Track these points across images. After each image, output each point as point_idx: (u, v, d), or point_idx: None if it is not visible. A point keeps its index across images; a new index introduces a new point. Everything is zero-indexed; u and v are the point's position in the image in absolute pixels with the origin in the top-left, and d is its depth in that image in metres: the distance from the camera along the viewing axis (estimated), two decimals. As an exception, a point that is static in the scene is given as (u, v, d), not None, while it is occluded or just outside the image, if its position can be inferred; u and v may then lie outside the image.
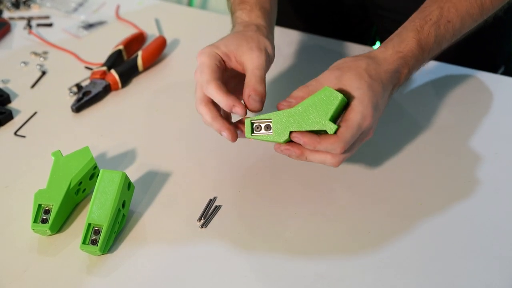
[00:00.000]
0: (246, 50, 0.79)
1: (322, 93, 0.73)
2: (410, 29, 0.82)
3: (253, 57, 0.78)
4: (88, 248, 0.75)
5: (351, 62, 0.78)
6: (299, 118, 0.73)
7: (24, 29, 1.16)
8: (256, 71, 0.78)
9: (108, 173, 0.78)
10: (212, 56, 0.78)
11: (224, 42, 0.80)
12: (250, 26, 0.83)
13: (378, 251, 0.77)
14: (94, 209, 0.76)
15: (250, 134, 0.75)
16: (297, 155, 0.75)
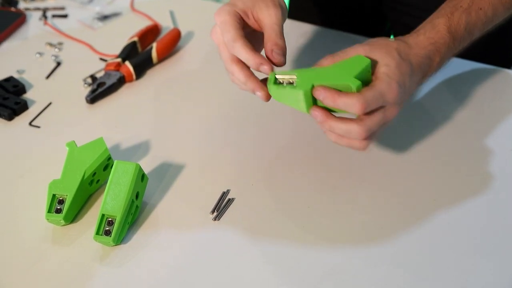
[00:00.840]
0: (263, 7, 0.78)
1: (351, 58, 0.73)
2: (440, 15, 0.81)
3: (270, 13, 0.78)
4: (102, 238, 0.75)
5: (382, 40, 0.77)
6: (324, 76, 0.73)
7: (39, 20, 1.16)
8: (275, 27, 0.77)
9: (122, 164, 0.78)
10: (232, 14, 0.78)
11: (241, 1, 0.79)
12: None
13: (391, 246, 0.77)
14: (108, 200, 0.76)
15: (272, 84, 0.74)
16: (321, 118, 0.73)
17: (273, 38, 0.77)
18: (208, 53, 1.08)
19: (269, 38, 0.77)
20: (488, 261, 0.75)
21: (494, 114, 0.96)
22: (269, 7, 0.78)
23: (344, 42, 1.11)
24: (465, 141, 0.91)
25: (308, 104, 0.74)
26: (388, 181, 0.85)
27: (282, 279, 0.74)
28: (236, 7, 0.78)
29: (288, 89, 0.73)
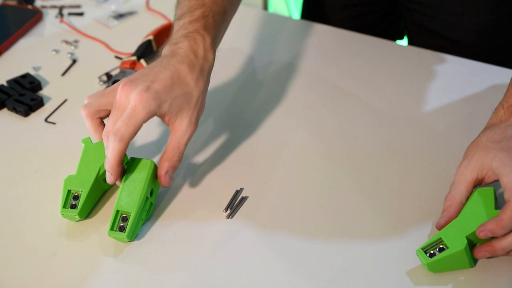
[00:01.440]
0: (184, 120, 0.77)
1: (475, 194, 0.75)
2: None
3: (187, 130, 0.77)
4: (116, 234, 0.76)
5: (472, 146, 0.77)
6: (468, 224, 0.73)
7: (55, 18, 1.17)
8: (182, 148, 0.77)
9: (138, 161, 0.78)
10: (150, 114, 0.74)
11: (171, 101, 0.75)
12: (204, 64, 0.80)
13: (405, 245, 0.77)
14: (123, 196, 0.76)
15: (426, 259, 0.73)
16: (490, 252, 0.73)
17: (174, 160, 0.77)
18: (222, 52, 1.08)
19: (171, 158, 0.77)
20: (501, 262, 0.75)
21: None
22: (189, 124, 0.77)
23: (358, 42, 1.11)
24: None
25: (469, 257, 0.73)
26: (401, 181, 0.85)
27: (295, 277, 0.74)
28: (159, 109, 0.74)
29: (447, 256, 0.72)
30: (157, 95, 0.74)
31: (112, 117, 0.75)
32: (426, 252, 0.73)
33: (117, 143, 0.73)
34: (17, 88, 0.99)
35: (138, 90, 0.73)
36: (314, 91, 1.02)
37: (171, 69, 0.76)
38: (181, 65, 0.77)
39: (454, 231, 0.72)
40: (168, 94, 0.75)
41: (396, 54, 1.09)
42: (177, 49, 0.79)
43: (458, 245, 0.71)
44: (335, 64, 1.07)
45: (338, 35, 1.13)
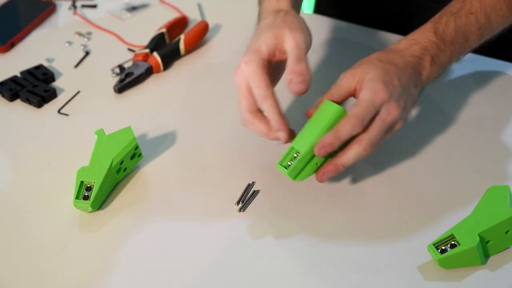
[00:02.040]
0: (285, 36, 0.78)
1: (489, 191, 0.76)
2: (428, 21, 0.83)
3: (290, 38, 0.77)
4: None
5: (364, 59, 0.79)
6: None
7: (69, 10, 1.17)
8: (294, 51, 0.77)
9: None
10: (261, 65, 0.77)
11: (264, 41, 0.78)
12: (279, 13, 0.82)
13: (415, 241, 0.77)
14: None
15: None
16: (333, 170, 0.76)
17: (291, 65, 0.76)
18: (235, 46, 1.08)
19: (288, 66, 0.77)
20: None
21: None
22: (291, 32, 0.78)
23: (371, 38, 1.11)
24: (487, 139, 0.91)
25: (481, 254, 0.73)
26: (412, 178, 0.85)
27: (306, 272, 0.74)
28: (262, 54, 0.77)
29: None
30: (252, 49, 0.78)
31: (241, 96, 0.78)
32: (438, 248, 0.73)
33: (266, 103, 0.75)
34: (31, 79, 0.99)
35: (240, 64, 0.78)
36: (327, 86, 1.01)
37: (255, 30, 0.82)
38: (263, 21, 0.83)
39: (467, 227, 0.72)
40: (258, 40, 0.79)
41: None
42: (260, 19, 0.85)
43: (470, 242, 0.71)
44: (348, 60, 1.06)
45: (351, 31, 1.13)
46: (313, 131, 0.76)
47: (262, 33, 0.80)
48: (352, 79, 0.77)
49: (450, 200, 0.82)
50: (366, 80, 0.75)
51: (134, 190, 0.83)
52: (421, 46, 0.80)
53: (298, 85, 0.75)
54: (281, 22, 0.79)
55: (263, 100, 0.76)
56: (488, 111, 0.95)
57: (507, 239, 0.74)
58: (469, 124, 0.93)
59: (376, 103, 0.74)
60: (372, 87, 0.74)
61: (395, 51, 0.80)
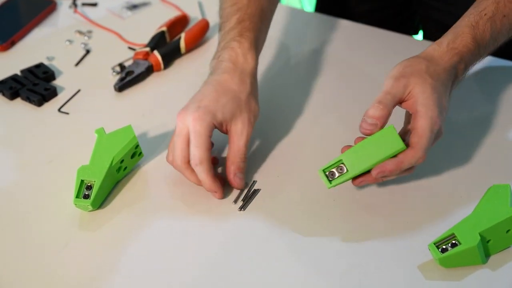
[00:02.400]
0: (239, 123, 0.81)
1: (490, 191, 0.76)
2: (464, 24, 0.81)
3: (242, 132, 0.81)
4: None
5: (411, 67, 0.78)
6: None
7: (69, 8, 1.17)
8: (242, 149, 0.81)
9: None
10: (209, 127, 0.78)
11: (221, 109, 0.80)
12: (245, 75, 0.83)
13: (416, 240, 0.77)
14: None
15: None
16: (373, 181, 0.78)
17: (237, 161, 0.80)
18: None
19: (233, 160, 0.80)
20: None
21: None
22: (244, 125, 0.81)
23: (373, 37, 1.11)
24: (491, 138, 0.90)
25: (482, 254, 0.73)
26: (414, 176, 0.85)
27: (306, 270, 0.74)
28: (215, 119, 0.79)
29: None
30: (207, 109, 0.79)
31: (178, 145, 0.79)
32: (438, 247, 0.73)
33: (201, 167, 0.78)
34: (31, 78, 0.99)
35: (190, 113, 0.79)
36: (328, 85, 1.01)
37: (213, 83, 0.82)
38: (221, 75, 0.83)
39: (468, 227, 0.72)
40: (217, 104, 0.80)
41: (412, 48, 1.08)
42: (218, 63, 0.85)
43: (471, 241, 0.71)
44: (349, 58, 1.06)
45: (353, 29, 1.12)
46: (369, 157, 0.75)
47: (224, 97, 0.81)
48: (402, 89, 0.76)
49: (451, 199, 0.82)
50: (422, 103, 0.75)
51: (134, 189, 0.83)
52: (460, 55, 0.80)
53: (241, 181, 0.81)
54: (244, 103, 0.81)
55: (198, 163, 0.78)
56: (488, 110, 0.95)
57: (508, 238, 0.74)
58: (469, 123, 0.93)
59: (434, 131, 0.75)
60: (430, 115, 0.74)
61: (437, 61, 0.79)
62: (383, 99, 0.76)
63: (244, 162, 0.81)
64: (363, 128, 0.75)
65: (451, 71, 0.79)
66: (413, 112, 0.76)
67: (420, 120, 0.74)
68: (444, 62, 0.79)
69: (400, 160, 0.74)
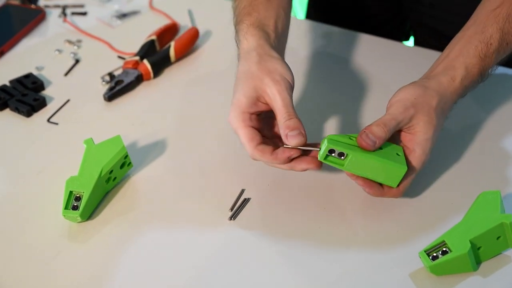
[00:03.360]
0: (265, 89, 0.78)
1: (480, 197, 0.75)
2: (473, 55, 0.81)
3: (274, 93, 0.77)
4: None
5: (423, 98, 0.77)
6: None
7: (59, 17, 1.17)
8: (282, 110, 0.77)
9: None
10: (241, 119, 0.78)
11: (242, 93, 0.78)
12: (251, 55, 0.81)
13: (407, 248, 0.76)
14: None
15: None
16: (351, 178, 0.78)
17: (282, 122, 0.76)
18: (226, 52, 1.08)
19: (280, 123, 0.77)
20: (503, 264, 0.75)
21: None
22: (270, 88, 0.77)
23: (364, 43, 1.11)
24: (483, 144, 0.90)
25: (472, 261, 0.73)
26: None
27: (297, 279, 0.74)
28: (242, 107, 0.78)
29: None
30: (234, 106, 0.78)
31: None
32: (429, 254, 0.73)
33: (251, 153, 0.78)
34: (20, 88, 0.99)
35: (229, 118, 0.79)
36: (319, 92, 1.01)
37: (237, 76, 0.81)
38: (238, 68, 0.82)
39: (458, 234, 0.72)
40: (239, 94, 0.78)
41: (403, 54, 1.08)
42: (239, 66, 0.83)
43: (462, 249, 0.71)
44: (341, 65, 1.06)
45: (344, 36, 1.12)
46: (370, 170, 0.75)
47: (240, 83, 0.79)
48: (408, 120, 0.76)
49: (442, 206, 0.82)
50: (420, 144, 0.76)
51: (124, 199, 0.83)
52: (466, 90, 0.82)
53: (295, 138, 0.75)
54: (258, 71, 0.78)
55: (251, 154, 0.77)
56: (479, 117, 0.95)
57: (498, 245, 0.74)
58: (460, 130, 0.93)
59: (418, 170, 0.78)
60: (424, 160, 0.77)
61: (448, 97, 0.79)
62: (388, 123, 0.75)
63: (292, 119, 0.76)
64: (363, 140, 0.74)
65: (453, 105, 0.81)
66: (408, 146, 0.77)
67: (413, 162, 0.76)
68: (453, 100, 0.80)
69: (382, 193, 0.77)
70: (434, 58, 1.06)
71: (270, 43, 0.83)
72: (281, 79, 0.78)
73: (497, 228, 0.72)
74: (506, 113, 0.96)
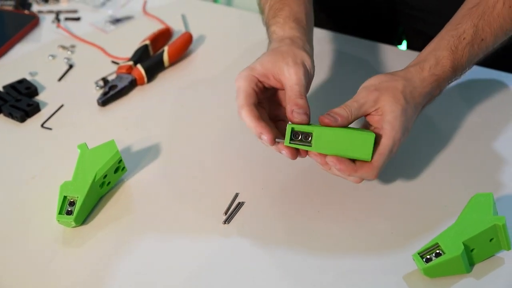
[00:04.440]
0: (283, 66, 0.78)
1: (473, 199, 0.75)
2: (444, 47, 0.82)
3: (290, 73, 0.78)
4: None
5: (388, 82, 0.78)
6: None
7: (52, 23, 1.17)
8: (295, 87, 0.77)
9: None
10: (249, 79, 0.78)
11: (260, 61, 0.79)
12: (284, 41, 0.82)
13: (400, 251, 0.77)
14: None
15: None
16: (322, 163, 0.76)
17: (292, 99, 0.77)
18: (220, 57, 1.08)
19: (289, 99, 0.77)
20: (497, 267, 0.75)
21: (506, 121, 0.95)
22: (289, 66, 0.78)
23: (356, 47, 1.11)
24: (477, 148, 0.91)
25: (466, 263, 0.74)
26: (399, 187, 0.85)
27: (292, 283, 0.74)
28: (254, 71, 0.79)
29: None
30: (248, 68, 0.79)
31: None
32: (423, 257, 0.73)
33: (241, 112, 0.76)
34: (13, 94, 0.99)
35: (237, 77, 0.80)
36: (313, 96, 1.01)
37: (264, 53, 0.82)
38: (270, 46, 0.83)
39: (451, 236, 0.72)
40: (257, 61, 0.79)
41: (396, 58, 1.09)
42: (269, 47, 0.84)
43: (455, 251, 0.71)
44: (334, 69, 1.06)
45: (338, 40, 1.13)
46: (336, 145, 0.74)
47: (263, 55, 0.81)
48: (372, 103, 0.77)
49: (435, 208, 0.82)
50: (389, 122, 0.75)
51: (118, 204, 0.83)
52: (438, 81, 0.81)
53: (300, 115, 0.76)
54: (285, 51, 0.79)
55: (239, 110, 0.77)
56: (472, 120, 0.96)
57: (491, 246, 0.74)
58: (453, 132, 0.93)
59: (393, 152, 0.76)
60: (393, 136, 0.75)
61: (416, 84, 0.79)
62: (349, 104, 0.76)
63: (301, 99, 0.76)
64: (325, 118, 0.75)
65: (426, 96, 0.80)
66: (377, 126, 0.77)
67: (383, 138, 0.75)
68: (423, 87, 0.80)
69: (355, 169, 0.75)
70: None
71: (305, 38, 0.84)
72: (303, 65, 0.79)
73: (490, 230, 0.72)
74: (498, 116, 0.96)
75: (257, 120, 0.76)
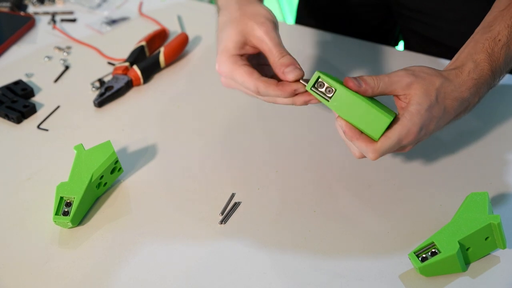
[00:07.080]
0: (252, 32, 0.77)
1: (468, 198, 0.75)
2: (480, 50, 0.79)
3: (261, 35, 0.76)
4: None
5: (427, 74, 0.75)
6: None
7: (48, 24, 1.17)
8: (273, 50, 0.76)
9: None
10: (232, 60, 0.77)
11: (229, 39, 0.78)
12: (229, 3, 0.80)
13: (396, 250, 0.77)
14: None
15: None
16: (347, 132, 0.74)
17: (276, 60, 0.76)
18: (215, 58, 1.08)
19: (274, 63, 0.76)
20: (494, 269, 0.75)
21: (505, 122, 0.95)
22: (257, 29, 0.76)
23: (353, 48, 1.11)
24: (474, 149, 0.91)
25: (461, 262, 0.73)
26: (395, 187, 0.85)
27: (288, 282, 0.74)
28: (230, 51, 0.77)
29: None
30: (222, 50, 0.78)
31: None
32: (418, 256, 0.73)
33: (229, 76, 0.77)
34: (10, 95, 0.99)
35: None
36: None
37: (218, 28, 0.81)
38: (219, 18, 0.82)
39: (447, 235, 0.73)
40: (222, 42, 0.78)
41: (393, 58, 1.09)
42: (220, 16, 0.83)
43: (450, 250, 0.71)
44: (331, 70, 1.07)
45: (334, 41, 1.13)
46: (351, 114, 0.72)
47: (224, 31, 0.79)
48: (404, 86, 0.74)
49: (430, 208, 0.82)
50: (411, 112, 0.73)
51: (115, 204, 0.83)
52: (477, 88, 0.78)
53: (293, 72, 0.75)
54: (241, 17, 0.78)
55: (254, 90, 0.75)
56: (468, 119, 0.95)
57: (487, 245, 0.74)
58: (448, 132, 0.93)
59: (402, 143, 0.74)
60: (409, 127, 0.73)
61: (455, 87, 0.76)
62: (381, 76, 0.74)
63: (285, 57, 0.75)
64: (350, 81, 0.73)
65: (462, 103, 0.77)
66: (399, 114, 0.74)
67: (397, 124, 0.73)
68: (461, 92, 0.76)
69: (359, 138, 0.73)
70: (424, 61, 1.08)
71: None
72: (266, 20, 0.77)
73: (485, 228, 0.73)
74: (494, 117, 0.96)
75: (276, 86, 0.74)
